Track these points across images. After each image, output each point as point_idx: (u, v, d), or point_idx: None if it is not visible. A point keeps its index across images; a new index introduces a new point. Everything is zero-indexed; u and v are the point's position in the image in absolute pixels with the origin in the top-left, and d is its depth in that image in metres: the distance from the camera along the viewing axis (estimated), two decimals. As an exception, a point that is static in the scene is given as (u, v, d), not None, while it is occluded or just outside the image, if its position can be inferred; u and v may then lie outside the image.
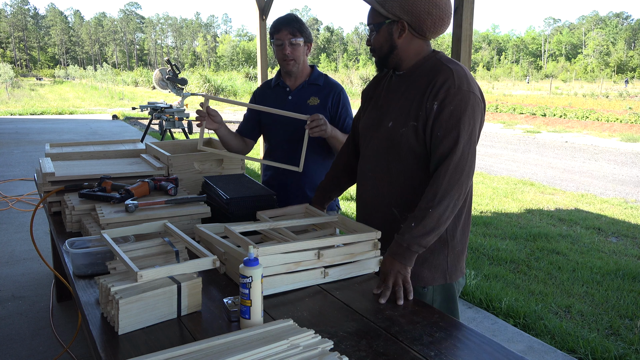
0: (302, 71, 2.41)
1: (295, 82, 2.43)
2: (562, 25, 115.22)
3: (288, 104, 2.40)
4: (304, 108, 2.37)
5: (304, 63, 2.39)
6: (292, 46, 2.31)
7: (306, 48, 2.37)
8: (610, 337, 3.03)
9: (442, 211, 1.49)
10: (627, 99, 25.74)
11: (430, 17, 1.55)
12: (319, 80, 2.42)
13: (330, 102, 2.37)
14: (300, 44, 2.33)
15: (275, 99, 2.46)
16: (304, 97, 2.39)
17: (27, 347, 2.81)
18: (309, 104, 2.37)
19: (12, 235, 4.66)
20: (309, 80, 2.41)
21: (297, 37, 2.30)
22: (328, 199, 2.02)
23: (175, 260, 1.54)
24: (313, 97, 2.38)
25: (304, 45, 2.35)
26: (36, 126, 13.44)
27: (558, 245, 4.69)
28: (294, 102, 2.40)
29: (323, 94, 2.38)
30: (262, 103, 2.42)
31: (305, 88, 2.41)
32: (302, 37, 2.32)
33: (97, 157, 2.85)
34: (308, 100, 2.38)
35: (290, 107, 2.38)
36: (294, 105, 2.38)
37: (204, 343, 1.12)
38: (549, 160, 10.10)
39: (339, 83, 2.46)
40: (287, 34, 2.29)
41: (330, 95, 2.38)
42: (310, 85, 2.41)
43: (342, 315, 1.38)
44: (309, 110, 2.36)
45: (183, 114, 8.05)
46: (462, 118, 1.51)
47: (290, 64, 2.34)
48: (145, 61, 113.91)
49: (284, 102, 2.42)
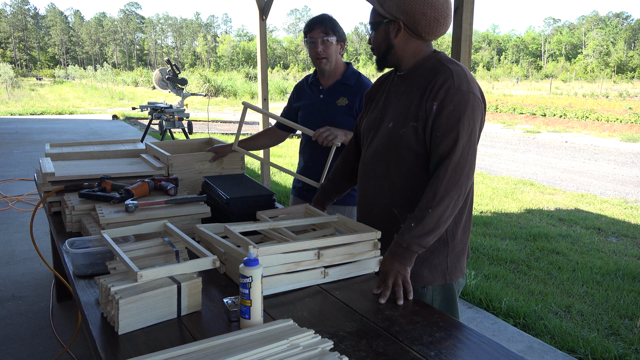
0: (335, 70, 2.43)
1: (327, 81, 2.46)
2: (562, 25, 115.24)
3: (319, 102, 2.45)
4: (332, 108, 2.40)
5: (337, 62, 2.41)
6: (324, 44, 2.34)
7: (339, 47, 2.39)
8: (610, 337, 3.03)
9: (442, 211, 1.49)
10: (627, 99, 25.73)
11: (424, 18, 1.55)
12: (351, 79, 2.42)
13: (358, 102, 2.38)
14: (333, 42, 2.35)
15: (309, 96, 2.51)
16: (333, 97, 2.42)
17: (27, 347, 2.81)
18: (338, 104, 2.40)
19: (12, 235, 4.66)
20: (341, 79, 2.43)
21: (329, 36, 2.33)
22: (329, 199, 2.02)
23: (175, 260, 1.54)
24: (342, 97, 2.40)
25: (337, 44, 2.37)
26: (36, 126, 13.44)
27: (558, 245, 4.69)
28: (324, 102, 2.44)
29: (352, 94, 2.39)
30: (300, 98, 2.54)
31: (336, 88, 2.43)
32: (334, 35, 2.34)
33: (97, 157, 2.85)
34: (337, 100, 2.41)
35: (321, 106, 2.43)
36: (324, 105, 2.43)
37: (204, 343, 1.12)
38: (549, 160, 10.10)
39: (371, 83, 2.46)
40: (319, 32, 2.32)
41: (359, 95, 2.38)
42: (342, 85, 2.42)
43: (342, 315, 1.38)
44: (336, 110, 2.39)
45: (183, 114, 8.05)
46: (462, 118, 1.51)
47: (322, 62, 2.37)
48: (145, 61, 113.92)
49: (316, 100, 2.46)
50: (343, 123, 2.35)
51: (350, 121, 2.37)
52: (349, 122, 2.36)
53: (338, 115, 2.38)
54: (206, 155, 2.57)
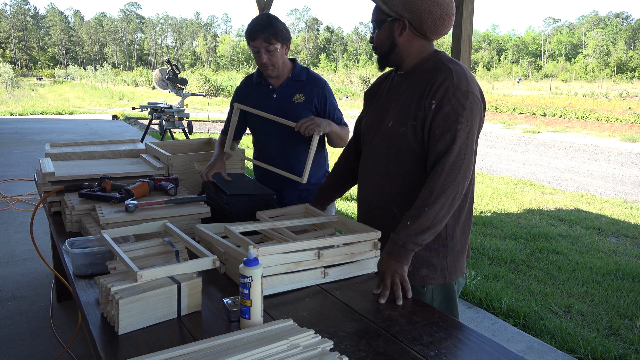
0: (284, 69, 2.37)
1: (278, 80, 2.39)
2: (562, 25, 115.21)
3: (273, 102, 2.37)
4: (289, 106, 2.34)
5: (284, 63, 2.35)
6: (268, 53, 2.25)
7: (285, 48, 2.31)
8: (610, 337, 3.03)
9: (438, 210, 1.49)
10: (627, 99, 25.73)
11: (430, 16, 1.55)
12: (301, 75, 2.39)
13: (317, 98, 2.35)
14: (277, 48, 2.26)
15: (259, 97, 2.41)
16: (288, 95, 2.37)
17: (27, 347, 2.81)
18: (295, 102, 2.35)
19: (12, 235, 4.66)
20: (291, 76, 2.38)
21: (273, 44, 2.23)
22: (329, 199, 2.02)
23: (175, 260, 1.54)
24: (298, 94, 2.36)
25: (282, 48, 2.29)
26: (36, 126, 13.44)
27: (558, 245, 4.69)
28: (279, 101, 2.37)
29: (307, 90, 2.36)
30: (246, 102, 2.38)
31: (289, 85, 2.37)
32: (278, 42, 2.25)
33: (97, 157, 2.85)
34: (293, 97, 2.36)
35: (276, 105, 2.35)
36: (279, 104, 2.36)
37: (204, 343, 1.12)
38: (548, 160, 10.10)
39: (321, 77, 2.43)
40: (261, 42, 2.22)
41: (315, 91, 2.35)
42: (294, 82, 2.38)
43: (342, 315, 1.38)
44: (295, 107, 2.34)
45: (183, 114, 8.05)
46: (460, 117, 1.50)
47: (269, 69, 2.31)
48: (145, 61, 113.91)
49: (269, 100, 2.38)
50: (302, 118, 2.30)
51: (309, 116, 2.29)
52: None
53: (297, 111, 2.32)
54: (206, 156, 2.57)
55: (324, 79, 2.43)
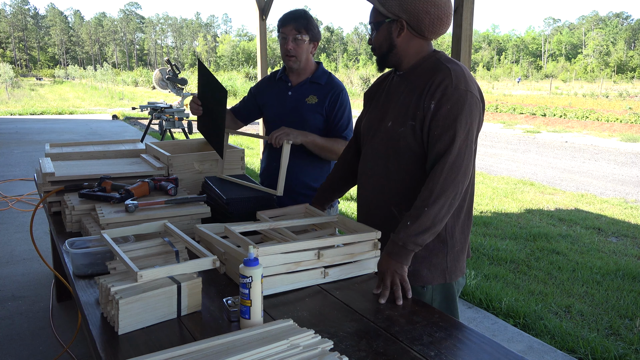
0: (306, 68, 2.39)
1: (297, 78, 2.42)
2: (562, 25, 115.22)
3: (287, 99, 2.41)
4: (302, 105, 2.37)
5: (307, 60, 2.37)
6: (295, 42, 2.29)
7: (311, 46, 2.35)
8: (610, 337, 3.03)
9: (438, 210, 1.49)
10: (627, 99, 25.73)
11: (428, 16, 1.55)
12: (321, 78, 2.40)
13: (328, 101, 2.36)
14: (305, 40, 2.30)
15: (276, 93, 2.46)
16: (303, 95, 2.38)
17: (27, 347, 2.81)
18: (307, 102, 2.37)
19: (12, 235, 4.66)
20: (311, 77, 2.40)
21: (302, 34, 2.28)
22: (329, 199, 2.02)
23: (175, 260, 1.54)
24: (312, 95, 2.37)
25: (309, 44, 2.33)
26: (36, 126, 13.44)
27: (558, 245, 4.69)
28: (293, 99, 2.40)
29: (322, 93, 2.37)
30: (263, 94, 2.50)
31: (306, 85, 2.39)
32: (307, 34, 2.29)
33: (97, 157, 2.85)
34: (307, 98, 2.38)
35: (289, 102, 2.39)
36: (293, 102, 2.39)
37: (204, 343, 1.12)
38: (548, 160, 10.10)
39: (341, 84, 2.44)
40: (292, 29, 2.27)
41: (329, 94, 2.36)
42: (312, 84, 2.39)
43: (342, 315, 1.38)
44: (307, 108, 2.36)
45: (183, 114, 8.06)
46: (459, 117, 1.50)
47: (291, 60, 2.33)
48: (145, 61, 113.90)
49: (284, 97, 2.42)
50: (311, 120, 2.34)
51: (319, 119, 2.35)
52: (316, 120, 2.35)
53: (306, 112, 2.34)
54: (206, 156, 2.57)
55: (343, 86, 2.43)
